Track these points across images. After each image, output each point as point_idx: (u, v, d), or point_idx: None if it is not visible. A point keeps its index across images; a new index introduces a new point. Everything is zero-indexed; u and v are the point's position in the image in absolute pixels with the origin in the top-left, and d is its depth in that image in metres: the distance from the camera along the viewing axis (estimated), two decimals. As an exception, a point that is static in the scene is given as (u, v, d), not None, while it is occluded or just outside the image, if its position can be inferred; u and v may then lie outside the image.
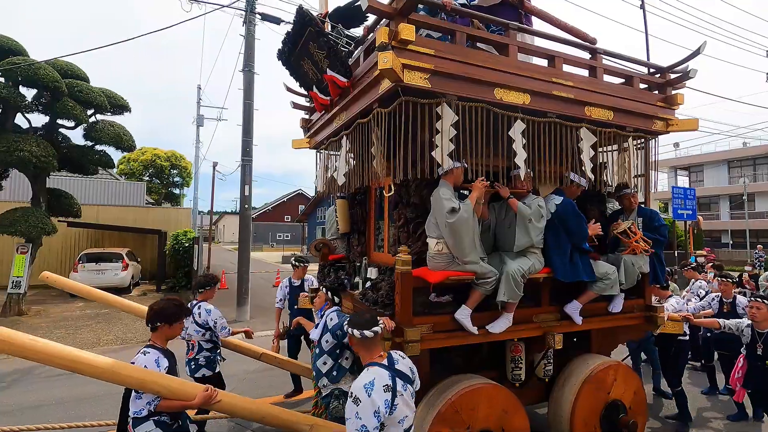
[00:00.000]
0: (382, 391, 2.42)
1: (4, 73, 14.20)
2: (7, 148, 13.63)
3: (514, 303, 3.83)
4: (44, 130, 15.82)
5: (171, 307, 3.21)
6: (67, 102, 15.12)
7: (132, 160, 29.44)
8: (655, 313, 4.63)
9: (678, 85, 4.70)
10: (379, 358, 2.64)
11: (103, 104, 16.22)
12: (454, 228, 3.50)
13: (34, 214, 14.52)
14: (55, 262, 17.85)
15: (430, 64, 3.49)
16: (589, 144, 4.25)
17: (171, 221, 20.44)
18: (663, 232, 4.59)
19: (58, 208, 16.25)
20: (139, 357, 3.07)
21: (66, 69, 15.94)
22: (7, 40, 15.20)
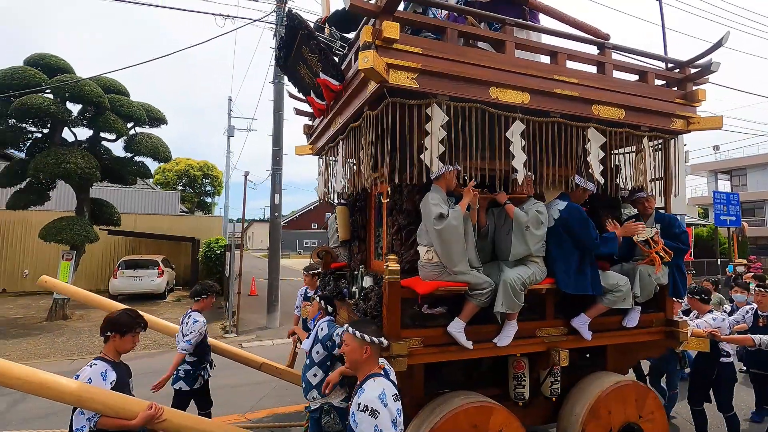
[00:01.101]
0: (393, 401, 2.39)
1: (54, 90, 14.85)
2: (55, 160, 14.22)
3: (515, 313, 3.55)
4: (88, 143, 16.49)
5: (124, 318, 3.08)
6: (109, 116, 15.72)
7: (167, 170, 30.35)
8: (676, 329, 4.22)
9: (699, 80, 4.31)
10: (378, 369, 2.58)
11: (142, 117, 16.79)
12: (442, 235, 3.27)
13: (79, 222, 15.09)
14: (95, 268, 18.46)
15: (416, 63, 3.29)
16: (597, 145, 3.92)
17: (203, 229, 20.84)
18: (684, 240, 4.18)
19: (100, 216, 16.84)
20: (84, 369, 2.92)
21: (108, 85, 16.54)
22: (57, 60, 15.94)
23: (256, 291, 17.12)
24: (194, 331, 4.52)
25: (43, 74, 14.91)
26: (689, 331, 4.33)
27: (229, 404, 6.21)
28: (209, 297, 4.71)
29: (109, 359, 3.03)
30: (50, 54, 16.12)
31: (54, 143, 15.46)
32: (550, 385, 3.99)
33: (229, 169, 19.49)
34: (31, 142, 15.86)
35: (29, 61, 15.51)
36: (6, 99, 13.92)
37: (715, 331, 4.49)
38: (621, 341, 4.18)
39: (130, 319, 3.09)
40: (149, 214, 20.28)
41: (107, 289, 16.77)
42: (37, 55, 15.84)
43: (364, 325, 2.63)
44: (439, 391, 3.75)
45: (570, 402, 3.99)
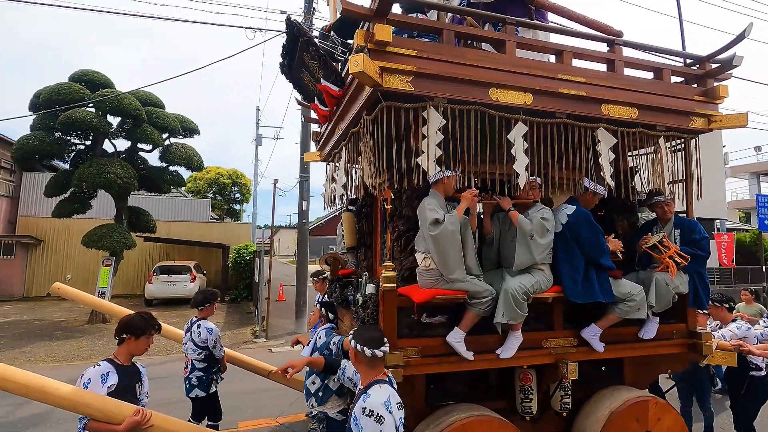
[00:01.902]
0: (397, 409, 2.37)
1: (96, 104, 15.48)
2: (97, 171, 14.81)
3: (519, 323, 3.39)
4: (126, 154, 17.11)
5: (138, 320, 3.09)
6: (146, 128, 16.30)
7: (198, 178, 31.22)
8: (699, 341, 3.93)
9: (721, 75, 4.03)
10: (383, 376, 2.56)
11: (176, 128, 17.33)
12: (437, 241, 3.14)
13: (118, 230, 15.64)
14: (132, 274, 19.07)
15: (411, 66, 3.19)
16: (608, 146, 3.71)
17: (232, 236, 21.22)
18: (704, 246, 3.88)
19: (137, 224, 17.40)
20: (89, 369, 2.94)
21: (146, 98, 17.11)
22: (99, 75, 16.64)
23: (284, 296, 17.27)
24: (212, 339, 4.62)
25: (86, 89, 15.58)
26: (714, 343, 4.03)
27: (259, 408, 6.24)
28: (212, 304, 4.77)
29: (118, 362, 3.04)
30: (93, 70, 16.81)
31: (96, 154, 16.13)
32: (560, 400, 3.77)
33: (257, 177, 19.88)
34: (75, 154, 16.58)
35: (73, 77, 16.25)
36: (53, 113, 14.58)
37: (741, 343, 4.16)
38: (638, 354, 3.93)
39: (144, 322, 3.11)
40: (182, 221, 20.87)
41: (143, 294, 17.27)
42: (81, 72, 16.54)
43: (366, 331, 2.62)
44: (442, 403, 3.61)
45: (581, 418, 3.77)
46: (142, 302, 17.23)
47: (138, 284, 18.78)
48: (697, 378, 5.01)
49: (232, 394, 6.18)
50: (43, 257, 18.92)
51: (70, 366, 9.09)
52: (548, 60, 4.23)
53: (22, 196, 19.77)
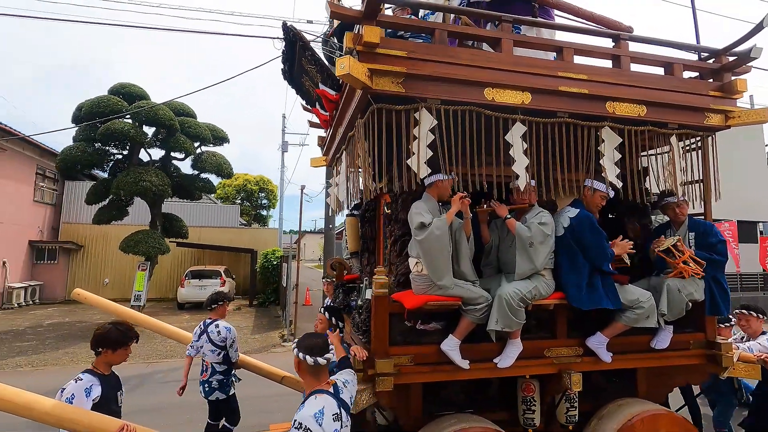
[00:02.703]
0: (332, 421, 2.29)
1: (133, 116, 16.05)
2: (133, 179, 15.33)
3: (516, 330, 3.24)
4: (161, 162, 17.67)
5: (114, 333, 3.06)
6: (179, 137, 16.81)
7: (227, 185, 31.90)
8: (719, 352, 3.67)
9: (739, 69, 3.78)
10: (326, 386, 2.47)
11: (207, 137, 17.79)
12: (424, 246, 3.05)
13: (152, 235, 16.14)
14: (165, 278, 19.60)
15: (402, 67, 3.11)
16: (613, 146, 3.52)
17: (260, 241, 21.54)
18: (721, 250, 3.62)
19: (170, 230, 17.90)
20: (70, 383, 2.89)
21: (179, 108, 17.62)
22: (136, 88, 17.26)
23: (311, 301, 17.37)
24: (231, 337, 4.65)
25: (123, 101, 16.18)
26: (735, 354, 3.75)
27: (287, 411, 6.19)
28: (224, 304, 4.82)
29: (98, 372, 3.02)
30: (130, 83, 17.44)
31: (132, 163, 16.72)
32: (566, 412, 3.58)
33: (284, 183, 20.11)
34: (113, 163, 17.22)
35: (112, 90, 16.89)
36: (93, 125, 15.21)
37: (766, 355, 3.85)
38: (649, 365, 3.69)
39: (120, 334, 3.08)
40: (212, 227, 21.32)
41: (175, 297, 17.70)
42: (119, 85, 17.17)
43: (309, 339, 2.53)
44: (440, 413, 3.48)
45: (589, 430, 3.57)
46: (174, 306, 17.69)
47: (171, 288, 19.30)
48: (716, 391, 4.69)
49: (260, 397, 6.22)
50: (83, 262, 19.70)
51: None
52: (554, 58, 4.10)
53: (64, 204, 20.67)
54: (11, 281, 17.41)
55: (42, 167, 19.24)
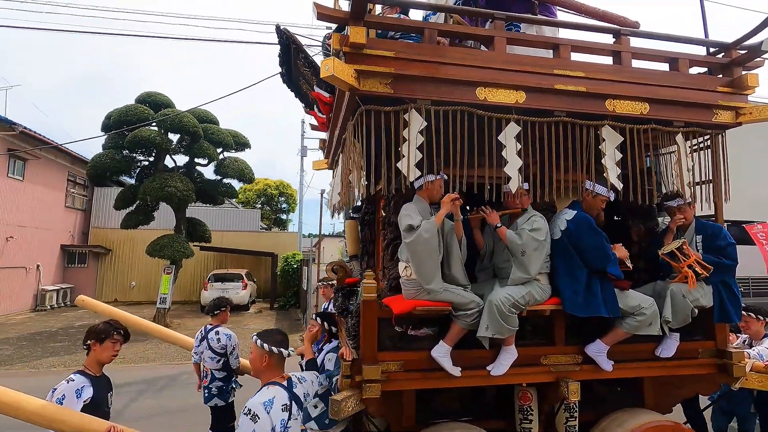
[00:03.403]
0: (280, 410, 2.41)
1: (159, 124, 16.41)
2: (159, 185, 15.69)
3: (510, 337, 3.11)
4: (185, 168, 18.00)
5: (102, 325, 3.06)
6: (203, 143, 17.13)
7: (247, 189, 32.23)
8: (729, 361, 3.45)
9: (750, 63, 3.57)
10: (280, 379, 2.60)
11: (229, 143, 18.07)
12: (412, 249, 2.96)
13: (177, 240, 16.44)
14: (189, 281, 19.91)
15: (389, 68, 3.03)
16: (614, 145, 3.36)
17: (279, 244, 21.70)
18: (730, 253, 3.40)
19: (194, 234, 18.21)
20: (61, 384, 2.89)
21: (202, 115, 17.94)
22: (161, 97, 17.67)
23: (332, 304, 17.37)
24: (231, 345, 4.63)
25: (150, 110, 16.58)
26: (748, 364, 3.53)
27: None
28: (226, 310, 4.79)
29: (90, 373, 3.01)
30: (156, 92, 17.85)
31: (158, 170, 17.09)
32: (565, 422, 3.42)
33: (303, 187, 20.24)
34: (140, 170, 17.62)
35: (139, 99, 17.34)
36: (121, 133, 15.63)
37: None
38: (655, 374, 3.50)
39: (107, 326, 3.08)
40: (233, 231, 21.59)
41: (198, 300, 17.97)
42: (145, 94, 17.60)
43: (269, 335, 2.67)
44: (434, 422, 3.37)
45: (590, 442, 3.41)
46: (198, 308, 17.95)
47: (194, 291, 19.62)
48: (730, 402, 4.43)
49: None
50: (111, 265, 20.22)
51: (136, 367, 9.68)
52: None
53: (93, 209, 21.28)
54: (44, 284, 17.98)
55: (73, 174, 19.86)
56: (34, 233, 17.53)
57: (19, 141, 16.47)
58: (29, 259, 17.34)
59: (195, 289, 19.41)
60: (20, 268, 16.95)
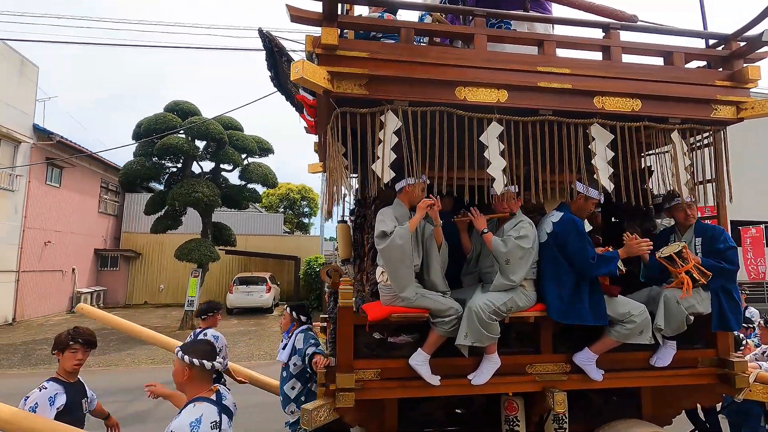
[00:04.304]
0: (209, 429, 2.21)
1: (186, 131, 16.75)
2: (187, 190, 15.98)
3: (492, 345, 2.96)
4: (211, 174, 18.29)
5: (62, 335, 2.98)
6: (228, 150, 17.40)
7: (270, 194, 32.52)
8: (731, 371, 3.20)
9: (752, 55, 3.31)
10: (208, 393, 2.37)
11: (254, 149, 18.29)
12: (385, 255, 2.84)
13: (204, 244, 16.71)
14: (215, 284, 20.18)
15: (364, 69, 2.93)
16: (604, 144, 3.17)
17: (302, 248, 21.79)
18: (730, 257, 3.15)
19: (219, 238, 18.45)
20: (34, 392, 2.83)
21: (227, 122, 18.20)
22: (189, 105, 18.02)
23: (353, 307, 17.35)
24: (218, 346, 4.51)
25: (178, 118, 16.95)
26: (753, 375, 3.26)
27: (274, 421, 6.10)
28: (215, 314, 4.75)
29: (63, 380, 2.96)
30: (184, 100, 18.22)
31: (186, 176, 17.43)
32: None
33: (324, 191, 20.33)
34: (168, 176, 17.99)
35: (168, 108, 17.73)
36: (151, 141, 16.01)
37: None
38: (649, 384, 3.28)
39: (66, 336, 2.99)
40: (257, 235, 21.80)
41: (224, 303, 18.20)
42: (174, 102, 17.98)
43: (193, 345, 2.46)
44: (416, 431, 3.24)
45: (580, 455, 3.21)
46: (224, 311, 18.18)
47: (219, 294, 19.88)
48: (739, 413, 4.12)
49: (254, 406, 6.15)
50: (141, 269, 20.71)
51: (167, 368, 9.74)
52: None
53: (124, 215, 21.87)
54: (79, 287, 18.54)
55: (105, 181, 20.47)
56: (69, 238, 18.10)
57: (56, 150, 17.05)
58: (65, 262, 17.91)
59: (221, 292, 19.65)
60: (57, 271, 17.52)
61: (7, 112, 14.99)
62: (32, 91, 16.72)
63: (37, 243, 16.45)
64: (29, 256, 16.05)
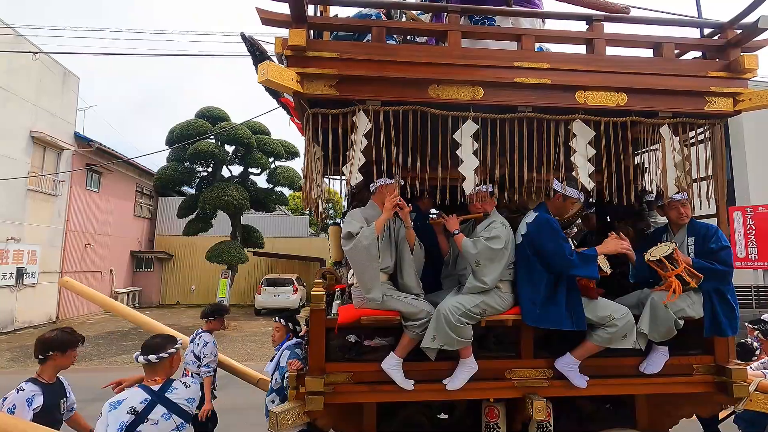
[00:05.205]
0: (124, 412, 2.35)
1: (216, 137, 17.15)
2: (217, 194, 16.38)
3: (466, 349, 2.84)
4: (240, 178, 18.66)
5: (62, 335, 3.00)
6: (256, 154, 17.73)
7: (296, 196, 32.83)
8: (729, 379, 2.97)
9: (749, 44, 3.07)
10: (152, 382, 2.54)
11: (280, 153, 18.55)
12: (351, 256, 2.79)
13: (234, 246, 17.08)
14: (243, 285, 20.55)
15: (333, 69, 2.87)
16: (585, 141, 3.00)
17: (326, 250, 21.68)
18: (724, 258, 2.91)
19: (248, 240, 18.81)
20: (11, 394, 2.84)
21: (255, 127, 18.54)
22: (219, 111, 18.45)
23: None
24: (209, 354, 4.47)
25: (208, 123, 17.37)
26: (753, 383, 3.01)
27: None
28: (219, 319, 4.65)
29: (42, 381, 2.95)
30: (214, 107, 18.67)
31: (216, 180, 17.86)
32: (537, 441, 3.08)
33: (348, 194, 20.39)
34: (199, 180, 18.46)
35: (199, 114, 18.21)
36: (183, 146, 16.49)
37: None
38: (639, 391, 3.09)
39: (68, 336, 3.03)
40: (284, 237, 22.04)
41: (252, 304, 18.52)
42: (204, 109, 18.44)
43: (149, 340, 2.69)
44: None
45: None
46: (252, 312, 18.51)
47: (247, 295, 20.22)
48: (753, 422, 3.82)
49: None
50: (173, 270, 21.31)
51: None
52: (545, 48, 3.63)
53: (157, 217, 22.57)
54: (117, 287, 19.23)
55: (140, 185, 21.18)
56: (107, 240, 18.80)
57: (96, 156, 17.75)
58: (104, 264, 18.61)
59: (249, 293, 20.00)
60: (96, 272, 18.22)
61: (52, 122, 15.72)
62: (74, 101, 17.48)
63: (78, 245, 17.16)
64: (71, 258, 16.77)
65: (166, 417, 2.42)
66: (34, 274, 14.81)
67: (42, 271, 15.10)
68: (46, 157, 15.67)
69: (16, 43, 13.99)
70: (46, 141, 15.20)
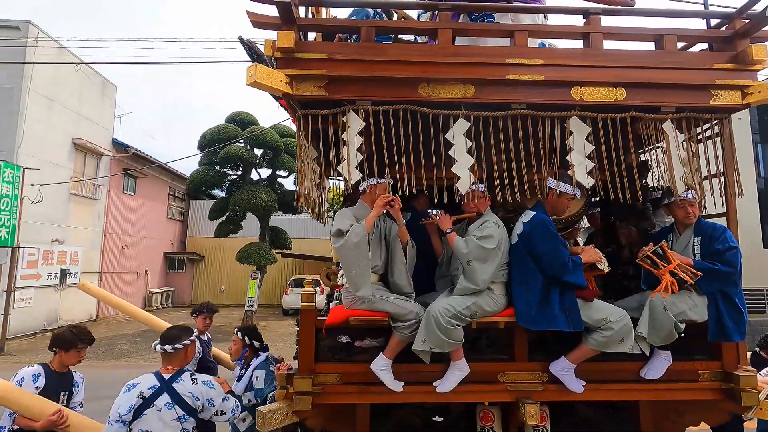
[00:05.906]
0: (135, 396, 2.50)
1: (245, 140, 17.49)
2: (247, 196, 16.67)
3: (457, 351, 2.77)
4: (268, 180, 18.92)
5: (68, 335, 3.11)
6: (283, 156, 17.98)
7: None
8: (737, 386, 2.78)
9: (758, 34, 2.88)
10: (165, 371, 2.66)
11: (307, 156, 18.67)
12: (340, 254, 2.76)
13: (262, 247, 17.33)
14: (271, 286, 20.81)
15: (322, 70, 2.85)
16: (582, 138, 2.88)
17: (339, 250, 21.75)
18: (729, 258, 2.71)
19: (276, 241, 19.02)
20: (23, 368, 3.03)
21: (283, 130, 18.77)
22: (247, 115, 18.80)
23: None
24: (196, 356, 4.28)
25: (238, 128, 17.74)
26: (765, 392, 2.81)
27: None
28: (198, 316, 4.56)
29: (51, 368, 3.10)
30: (243, 111, 19.04)
31: (245, 182, 18.18)
32: (533, 447, 2.97)
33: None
34: (229, 183, 18.83)
35: (228, 119, 18.60)
36: (214, 150, 16.89)
37: None
38: (639, 398, 2.93)
39: (72, 336, 3.13)
40: (309, 239, 22.19)
41: (280, 304, 18.74)
42: (234, 113, 18.83)
43: (168, 331, 2.85)
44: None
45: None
46: (280, 312, 18.74)
47: (275, 295, 20.45)
48: None
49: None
50: (204, 271, 21.82)
51: None
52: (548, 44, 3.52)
53: (189, 220, 23.15)
54: (151, 287, 19.84)
55: (173, 189, 21.80)
56: (142, 242, 19.42)
57: (131, 161, 18.38)
58: (139, 264, 19.23)
59: (277, 294, 20.25)
60: (132, 272, 18.85)
61: (93, 129, 16.38)
62: (112, 108, 18.16)
63: (116, 247, 17.79)
64: (109, 259, 17.40)
65: (169, 406, 2.53)
66: (77, 274, 15.40)
67: (83, 271, 15.70)
68: (86, 163, 16.33)
69: (60, 55, 14.64)
70: (86, 147, 15.82)
